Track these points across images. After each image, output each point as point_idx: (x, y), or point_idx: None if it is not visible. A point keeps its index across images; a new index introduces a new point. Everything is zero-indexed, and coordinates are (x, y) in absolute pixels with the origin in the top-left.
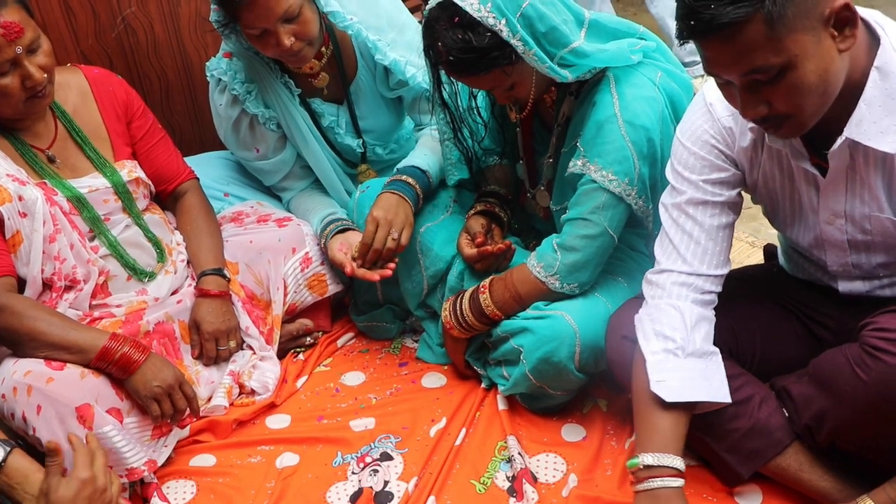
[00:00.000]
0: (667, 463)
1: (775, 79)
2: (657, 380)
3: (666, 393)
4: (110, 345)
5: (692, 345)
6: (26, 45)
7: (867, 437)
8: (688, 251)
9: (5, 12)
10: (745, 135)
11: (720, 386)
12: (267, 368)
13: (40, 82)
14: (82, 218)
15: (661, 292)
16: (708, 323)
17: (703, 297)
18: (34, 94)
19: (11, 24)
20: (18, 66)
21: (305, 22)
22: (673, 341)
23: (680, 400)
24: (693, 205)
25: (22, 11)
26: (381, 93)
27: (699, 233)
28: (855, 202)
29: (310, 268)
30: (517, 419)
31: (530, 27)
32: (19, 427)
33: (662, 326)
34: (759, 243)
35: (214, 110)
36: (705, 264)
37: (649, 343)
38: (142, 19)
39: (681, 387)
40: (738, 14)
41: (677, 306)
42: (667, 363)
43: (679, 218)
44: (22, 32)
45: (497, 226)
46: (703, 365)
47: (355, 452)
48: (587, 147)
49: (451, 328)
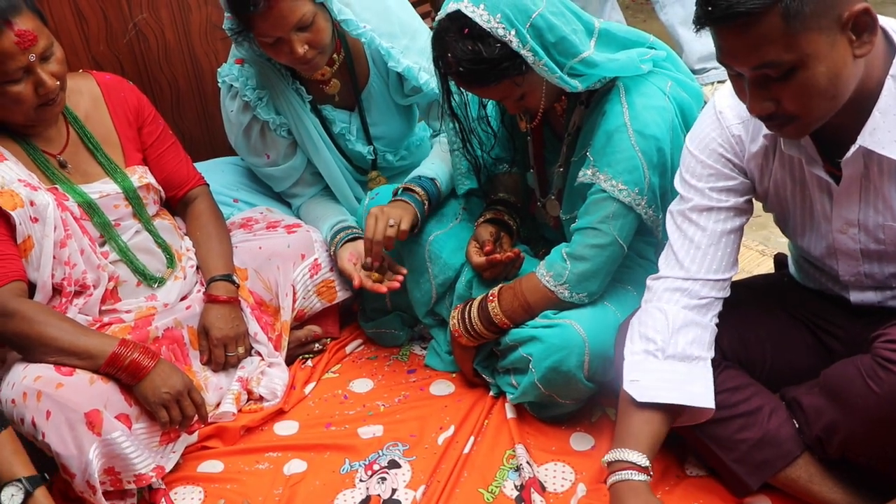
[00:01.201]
0: (623, 457)
1: (785, 76)
2: (631, 379)
3: (637, 392)
4: (119, 351)
5: (673, 347)
6: (39, 53)
7: (879, 449)
8: (686, 257)
9: (19, 20)
10: (756, 142)
11: (702, 392)
12: (275, 375)
13: (53, 90)
14: (93, 223)
15: (652, 296)
16: (699, 328)
17: (698, 303)
18: (46, 102)
19: (25, 32)
20: (31, 74)
21: (319, 30)
22: (654, 343)
23: (650, 400)
24: (698, 211)
25: (36, 19)
26: (393, 100)
27: (701, 238)
28: (869, 211)
29: (319, 274)
30: (525, 428)
31: (540, 37)
32: (28, 432)
33: (646, 329)
34: (769, 252)
35: (225, 116)
36: (703, 269)
37: (633, 344)
38: (153, 25)
39: (654, 388)
40: (756, 4)
41: (663, 309)
42: (644, 364)
43: (683, 224)
44: (35, 40)
45: (506, 234)
46: (684, 368)
47: (363, 460)
48: (597, 156)
49: (459, 336)
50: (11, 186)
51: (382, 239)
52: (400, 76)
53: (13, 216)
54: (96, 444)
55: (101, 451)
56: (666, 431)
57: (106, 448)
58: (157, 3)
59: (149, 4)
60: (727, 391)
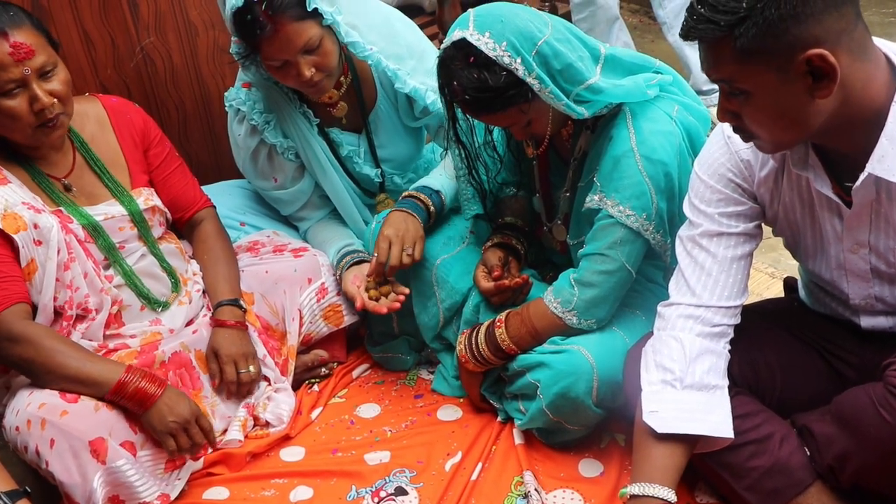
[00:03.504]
0: (651, 493)
1: (741, 97)
2: (650, 410)
3: (657, 424)
4: (126, 378)
5: (691, 377)
6: (36, 68)
7: (892, 479)
8: (698, 283)
9: (17, 33)
10: (766, 166)
11: (721, 421)
12: (282, 400)
13: (47, 106)
14: (97, 246)
15: (666, 324)
16: (714, 356)
17: (711, 330)
18: (44, 123)
19: (21, 44)
20: (26, 88)
21: (326, 53)
22: (671, 372)
23: (671, 431)
24: (708, 237)
25: (38, 36)
26: (401, 122)
27: (712, 264)
28: (879, 235)
29: (325, 298)
30: (533, 454)
31: (546, 65)
32: (32, 460)
33: (662, 358)
34: (778, 274)
35: (233, 140)
36: (715, 296)
37: (649, 374)
38: (160, 49)
39: (673, 418)
40: (708, 33)
41: (679, 338)
42: (663, 394)
43: (693, 250)
44: (31, 54)
45: (514, 258)
46: (703, 398)
47: (370, 486)
48: (604, 182)
49: (466, 362)
50: (15, 209)
51: (398, 264)
52: (409, 98)
53: (16, 240)
54: (101, 472)
55: (106, 480)
56: (686, 462)
57: (110, 476)
58: (165, 26)
59: (156, 28)
60: (738, 418)
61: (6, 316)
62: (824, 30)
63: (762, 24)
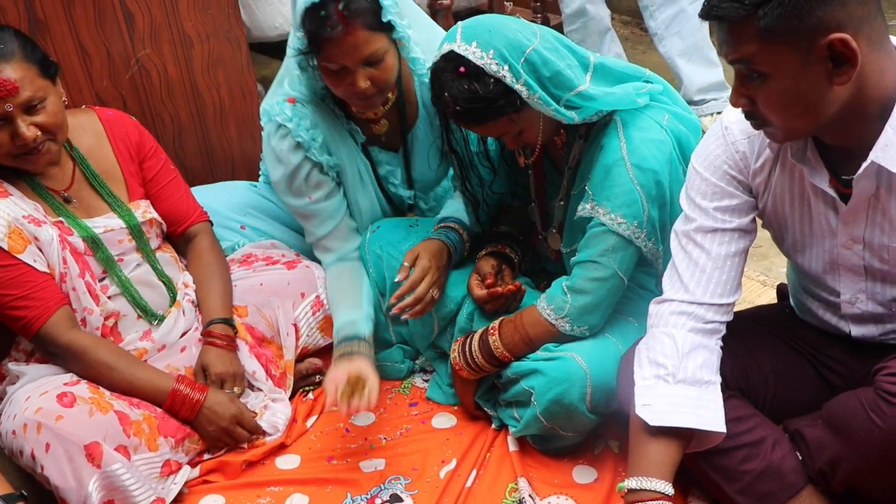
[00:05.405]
0: (649, 486)
1: (758, 80)
2: (643, 404)
3: (650, 417)
4: (177, 388)
5: (683, 372)
6: (20, 104)
7: (883, 483)
8: (691, 280)
9: (6, 68)
10: (761, 156)
11: (714, 416)
12: (278, 409)
13: (28, 140)
14: (96, 258)
15: (659, 321)
16: (707, 352)
17: (704, 327)
18: (27, 151)
19: (6, 81)
20: (9, 123)
21: (386, 68)
22: (664, 367)
23: (664, 424)
24: (702, 232)
25: (30, 69)
26: (436, 144)
27: (706, 261)
28: (875, 230)
29: (321, 310)
30: (528, 460)
31: (535, 72)
32: (27, 465)
33: (655, 354)
34: (770, 282)
35: (272, 156)
36: (708, 293)
37: (642, 369)
38: (156, 61)
39: (666, 411)
40: (732, 13)
41: (671, 334)
42: (656, 388)
43: (687, 246)
44: (16, 91)
45: (508, 267)
46: (695, 392)
47: (365, 494)
48: (595, 190)
49: (460, 369)
50: (17, 224)
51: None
52: None
53: (24, 259)
54: (96, 476)
55: (101, 484)
56: (680, 458)
57: (106, 480)
58: (160, 38)
59: (151, 40)
60: (731, 421)
61: (49, 328)
62: (848, 14)
63: (787, 4)
